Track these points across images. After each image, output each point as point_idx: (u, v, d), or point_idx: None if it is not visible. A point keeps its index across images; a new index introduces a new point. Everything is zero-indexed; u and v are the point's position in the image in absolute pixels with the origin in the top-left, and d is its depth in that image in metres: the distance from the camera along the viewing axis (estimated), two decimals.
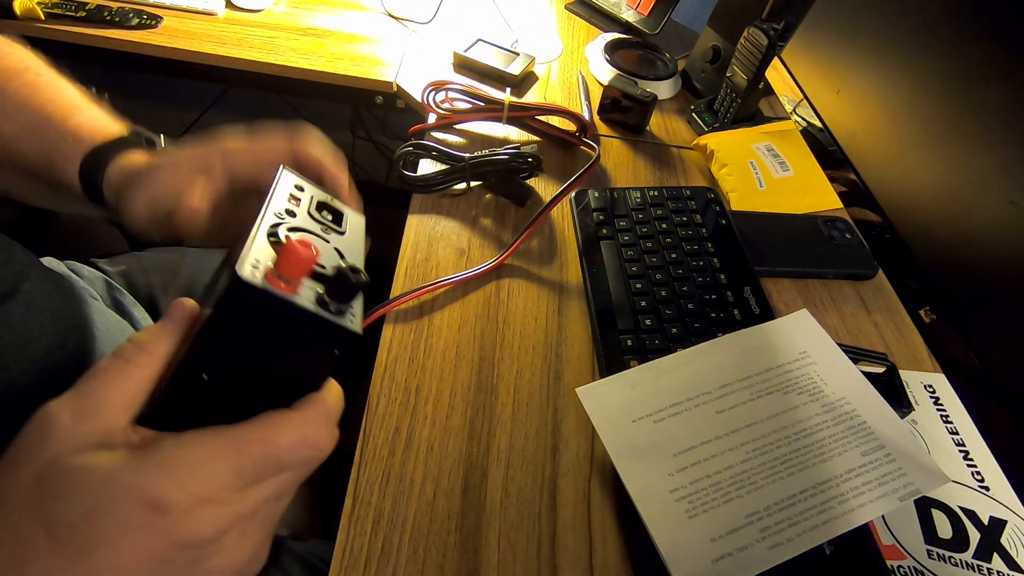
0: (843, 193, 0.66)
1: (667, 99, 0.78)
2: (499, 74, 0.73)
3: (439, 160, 0.58)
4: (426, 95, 0.63)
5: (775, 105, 0.82)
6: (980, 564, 0.37)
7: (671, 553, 0.33)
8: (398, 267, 0.50)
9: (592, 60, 0.81)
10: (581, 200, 0.57)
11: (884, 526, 0.39)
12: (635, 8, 0.87)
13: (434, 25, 0.83)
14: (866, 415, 0.40)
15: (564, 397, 0.43)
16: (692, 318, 0.47)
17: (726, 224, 0.56)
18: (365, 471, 0.38)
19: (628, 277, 0.50)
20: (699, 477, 0.36)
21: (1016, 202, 0.45)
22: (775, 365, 0.42)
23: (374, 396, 0.41)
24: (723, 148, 0.65)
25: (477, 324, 0.47)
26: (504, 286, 0.50)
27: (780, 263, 0.56)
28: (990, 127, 0.48)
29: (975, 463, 0.43)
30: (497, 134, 0.66)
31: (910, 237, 0.56)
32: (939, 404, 0.47)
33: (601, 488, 0.39)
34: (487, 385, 0.43)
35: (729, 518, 0.34)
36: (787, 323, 0.46)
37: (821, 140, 0.76)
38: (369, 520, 0.36)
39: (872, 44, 0.63)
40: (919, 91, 0.56)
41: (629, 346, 0.45)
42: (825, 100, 0.70)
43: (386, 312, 0.46)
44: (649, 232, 0.54)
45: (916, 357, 0.51)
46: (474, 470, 0.39)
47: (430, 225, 0.54)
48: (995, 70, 0.48)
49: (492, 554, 0.35)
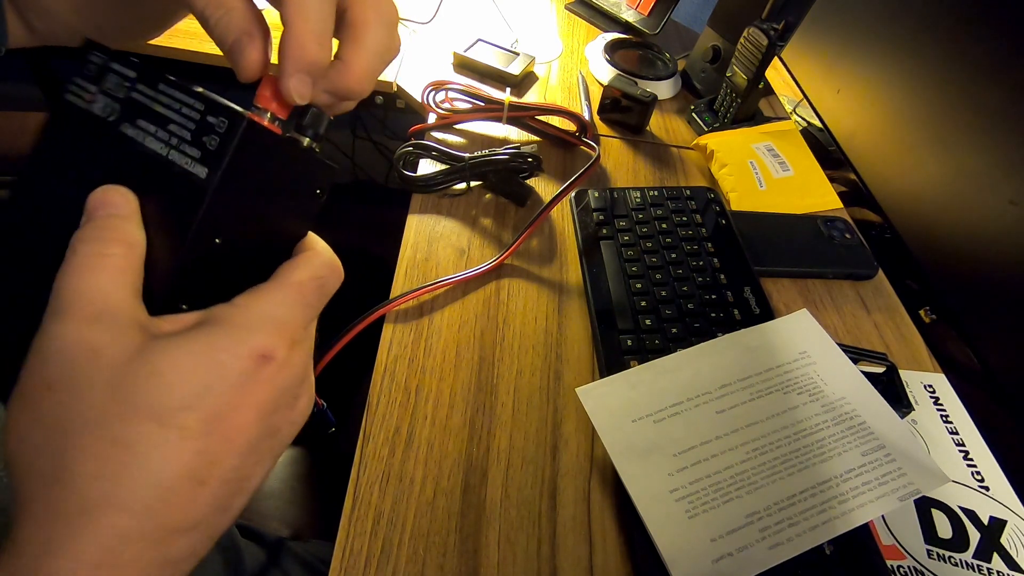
0: (843, 193, 0.66)
1: (667, 99, 0.78)
2: (499, 74, 0.73)
3: (439, 160, 0.58)
4: (426, 95, 0.63)
5: (775, 105, 0.82)
6: (980, 564, 0.37)
7: (671, 553, 0.33)
8: (398, 267, 0.50)
9: (592, 60, 0.81)
10: (581, 200, 0.57)
11: (884, 526, 0.39)
12: (635, 8, 0.87)
13: (434, 25, 0.83)
14: (866, 415, 0.40)
15: (564, 397, 0.43)
16: (692, 318, 0.47)
17: (726, 224, 0.56)
18: (365, 471, 0.38)
19: (628, 277, 0.50)
20: (699, 477, 0.36)
21: (1016, 202, 0.45)
22: (775, 365, 0.42)
23: (374, 396, 0.41)
24: (723, 148, 0.65)
25: (477, 324, 0.47)
26: (504, 286, 0.50)
27: (780, 263, 0.56)
28: (990, 127, 0.48)
29: (975, 463, 0.43)
30: (497, 134, 0.66)
31: (910, 237, 0.56)
32: (939, 404, 0.47)
33: (601, 488, 0.39)
34: (487, 385, 0.43)
35: (729, 518, 0.34)
36: (787, 323, 0.46)
37: (821, 140, 0.76)
38: (369, 520, 0.36)
39: (872, 44, 0.63)
40: (919, 91, 0.56)
41: (629, 346, 0.45)
42: (825, 100, 0.70)
43: (386, 312, 0.46)
44: (649, 232, 0.54)
45: (916, 357, 0.51)
46: (474, 470, 0.39)
47: (430, 225, 0.54)
48: (995, 70, 0.48)
49: (492, 554, 0.35)
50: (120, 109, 0.22)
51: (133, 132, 0.22)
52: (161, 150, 0.22)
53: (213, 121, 0.21)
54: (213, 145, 0.21)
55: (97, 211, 0.21)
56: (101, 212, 0.21)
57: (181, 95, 0.22)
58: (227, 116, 0.21)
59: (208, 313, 0.21)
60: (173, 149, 0.21)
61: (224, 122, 0.21)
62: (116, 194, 0.21)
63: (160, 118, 0.22)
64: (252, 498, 0.22)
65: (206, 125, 0.21)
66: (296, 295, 0.22)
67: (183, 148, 0.21)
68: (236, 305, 0.21)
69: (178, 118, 0.22)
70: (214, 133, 0.21)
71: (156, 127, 0.22)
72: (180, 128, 0.21)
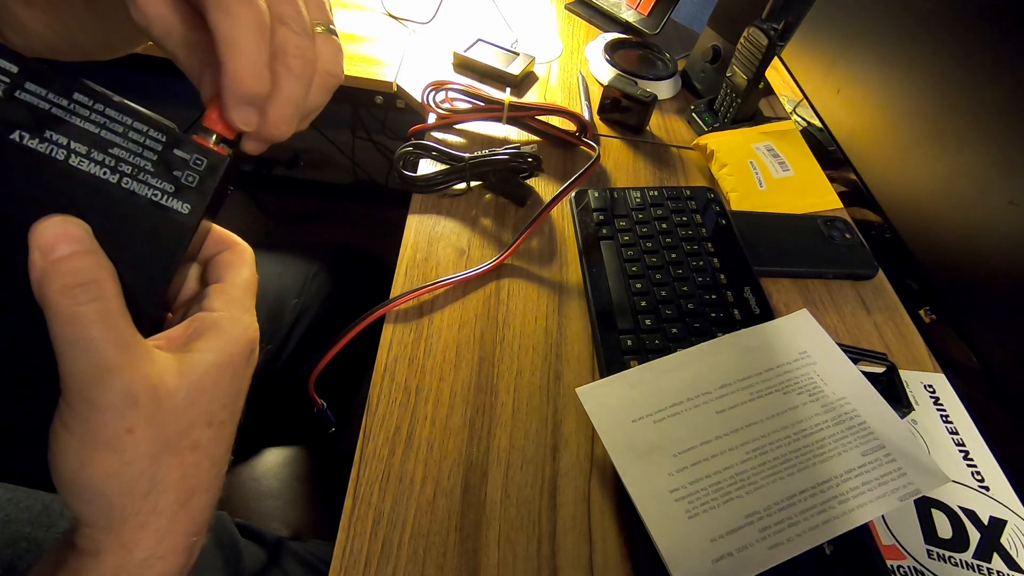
0: (843, 193, 0.66)
1: (667, 99, 0.78)
2: (499, 74, 0.73)
3: (439, 160, 0.58)
4: (426, 95, 0.63)
5: (775, 105, 0.82)
6: (980, 564, 0.37)
7: (671, 553, 0.33)
8: (398, 267, 0.50)
9: (592, 60, 0.81)
10: (581, 200, 0.57)
11: (884, 526, 0.39)
12: (635, 8, 0.87)
13: (434, 25, 0.83)
14: (866, 415, 0.40)
15: (564, 397, 0.43)
16: (692, 318, 0.47)
17: (726, 224, 0.56)
18: (365, 471, 0.38)
19: (628, 277, 0.50)
20: (699, 477, 0.36)
21: (1016, 202, 0.45)
22: (775, 365, 0.42)
23: (374, 396, 0.41)
24: (723, 148, 0.65)
25: (477, 324, 0.47)
26: (504, 286, 0.50)
27: (780, 263, 0.56)
28: (990, 127, 0.48)
29: (975, 463, 0.43)
30: (497, 134, 0.66)
31: (910, 237, 0.56)
32: (939, 404, 0.47)
33: (601, 488, 0.39)
34: (487, 385, 0.43)
35: (729, 518, 0.34)
36: (787, 323, 0.46)
37: (821, 140, 0.76)
38: (369, 520, 0.36)
39: (872, 44, 0.63)
40: (919, 91, 0.56)
41: (629, 346, 0.45)
42: (825, 100, 0.70)
43: (386, 312, 0.46)
44: (649, 232, 0.54)
45: (916, 357, 0.51)
46: (474, 470, 0.39)
47: (430, 225, 0.54)
48: (995, 70, 0.48)
49: (492, 554, 0.35)
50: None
51: (43, 147, 0.20)
52: (106, 175, 0.21)
53: (184, 156, 0.22)
54: (191, 181, 0.22)
55: (57, 248, 0.20)
56: (64, 250, 0.20)
57: (117, 114, 0.21)
58: (202, 154, 0.22)
59: (203, 323, 0.24)
60: (127, 177, 0.21)
61: (202, 160, 0.22)
62: (73, 226, 0.20)
63: (90, 137, 0.20)
64: (252, 498, 0.25)
65: (175, 159, 0.22)
66: (249, 287, 0.27)
67: (144, 178, 0.21)
68: (220, 311, 0.25)
69: (124, 143, 0.21)
70: (190, 169, 0.22)
71: (88, 147, 0.20)
72: (131, 155, 0.21)
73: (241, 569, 0.44)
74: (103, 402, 0.20)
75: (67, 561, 0.22)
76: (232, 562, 0.44)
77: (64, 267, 0.20)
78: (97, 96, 0.21)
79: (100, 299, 0.20)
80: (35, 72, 0.20)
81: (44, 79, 0.20)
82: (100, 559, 0.22)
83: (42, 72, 0.20)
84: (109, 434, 0.21)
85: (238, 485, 0.55)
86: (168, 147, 0.22)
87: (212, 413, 0.24)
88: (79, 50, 0.31)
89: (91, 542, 0.22)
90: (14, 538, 0.42)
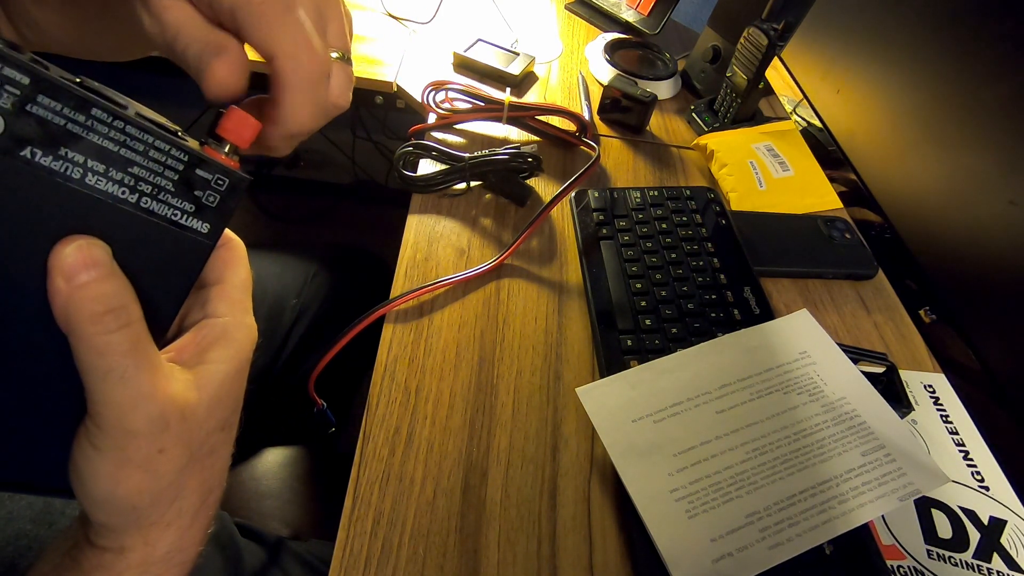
0: (843, 193, 0.66)
1: (667, 99, 0.78)
2: (499, 74, 0.73)
3: (439, 160, 0.58)
4: (426, 95, 0.63)
5: (775, 105, 0.82)
6: (980, 564, 0.37)
7: (671, 553, 0.33)
8: (398, 267, 0.50)
9: (592, 60, 0.81)
10: (581, 200, 0.57)
11: (884, 526, 0.39)
12: (635, 8, 0.87)
13: (434, 25, 0.83)
14: (866, 415, 0.40)
15: (564, 397, 0.43)
16: (692, 318, 0.47)
17: (726, 224, 0.56)
18: (365, 471, 0.38)
19: (628, 277, 0.50)
20: (699, 477, 0.36)
21: (1016, 202, 0.45)
22: (775, 365, 0.42)
23: (374, 396, 0.41)
24: (723, 148, 0.65)
25: (477, 324, 0.47)
26: (504, 286, 0.50)
27: (780, 263, 0.56)
28: (990, 127, 0.48)
29: (975, 463, 0.43)
30: (497, 134, 0.66)
31: (910, 237, 0.56)
32: (939, 404, 0.47)
33: (601, 488, 0.39)
34: (487, 385, 0.43)
35: (729, 518, 0.34)
36: (787, 323, 0.46)
37: (821, 140, 0.76)
38: (369, 520, 0.36)
39: (872, 44, 0.63)
40: (919, 91, 0.56)
41: (629, 346, 0.45)
42: (825, 100, 0.70)
43: (386, 312, 0.46)
44: (649, 232, 0.54)
45: (916, 357, 0.51)
46: (474, 470, 0.39)
47: (430, 225, 0.54)
48: (995, 70, 0.48)
49: (492, 554, 0.35)
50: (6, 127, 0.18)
51: (56, 164, 0.19)
52: (125, 195, 0.20)
53: (206, 176, 0.22)
54: (212, 201, 0.22)
55: (81, 274, 0.19)
56: (85, 276, 0.19)
57: (138, 132, 0.20)
58: (224, 175, 0.22)
59: (211, 331, 0.24)
60: (146, 196, 0.21)
61: (223, 180, 0.22)
62: (96, 249, 0.20)
63: (109, 155, 0.20)
64: (252, 498, 0.25)
65: (197, 178, 0.22)
66: (247, 287, 0.27)
67: (165, 198, 0.21)
68: (225, 317, 0.25)
69: (144, 161, 0.20)
70: (211, 189, 0.22)
71: (106, 166, 0.20)
72: (151, 174, 0.21)
73: (241, 569, 0.44)
74: (138, 429, 0.21)
75: (85, 557, 0.23)
76: (232, 562, 0.44)
77: (90, 293, 0.19)
78: (116, 113, 0.20)
79: (128, 325, 0.20)
80: (49, 84, 0.18)
81: (59, 92, 0.19)
82: (125, 555, 0.23)
83: (57, 85, 0.19)
84: (143, 457, 0.21)
85: (238, 485, 0.55)
86: (190, 167, 0.21)
87: (225, 419, 0.25)
88: (92, 51, 0.31)
89: (115, 542, 0.23)
90: (15, 535, 0.42)
